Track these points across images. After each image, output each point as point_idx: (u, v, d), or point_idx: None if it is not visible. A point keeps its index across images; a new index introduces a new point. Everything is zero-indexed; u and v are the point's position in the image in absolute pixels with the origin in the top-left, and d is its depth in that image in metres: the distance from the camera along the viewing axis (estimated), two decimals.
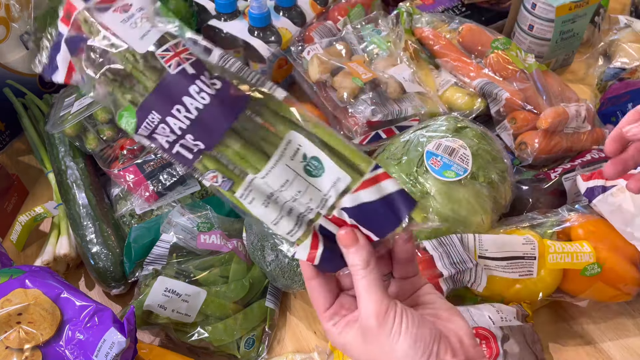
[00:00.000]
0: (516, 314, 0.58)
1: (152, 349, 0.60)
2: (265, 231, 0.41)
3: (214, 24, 0.87)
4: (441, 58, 0.84)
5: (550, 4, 0.85)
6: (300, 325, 0.66)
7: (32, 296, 0.52)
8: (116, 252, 0.68)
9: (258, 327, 0.64)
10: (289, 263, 0.60)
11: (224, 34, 0.87)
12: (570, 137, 0.75)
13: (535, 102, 0.76)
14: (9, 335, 0.50)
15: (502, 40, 0.82)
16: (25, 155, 0.89)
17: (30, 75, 0.87)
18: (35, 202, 0.81)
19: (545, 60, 0.93)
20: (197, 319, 0.62)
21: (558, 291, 0.62)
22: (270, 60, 0.87)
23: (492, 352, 0.54)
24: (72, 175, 0.74)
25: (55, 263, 0.70)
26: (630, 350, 0.62)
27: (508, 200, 0.65)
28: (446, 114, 0.73)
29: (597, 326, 0.64)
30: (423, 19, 0.89)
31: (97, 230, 0.69)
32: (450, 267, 0.58)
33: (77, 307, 0.53)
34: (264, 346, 0.63)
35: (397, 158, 0.64)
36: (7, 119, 0.87)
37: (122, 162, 0.72)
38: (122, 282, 0.68)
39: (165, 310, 0.60)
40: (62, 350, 0.51)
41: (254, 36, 0.85)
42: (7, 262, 0.65)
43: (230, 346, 0.62)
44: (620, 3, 1.08)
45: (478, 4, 1.00)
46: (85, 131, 0.73)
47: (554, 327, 0.64)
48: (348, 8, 0.93)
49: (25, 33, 0.85)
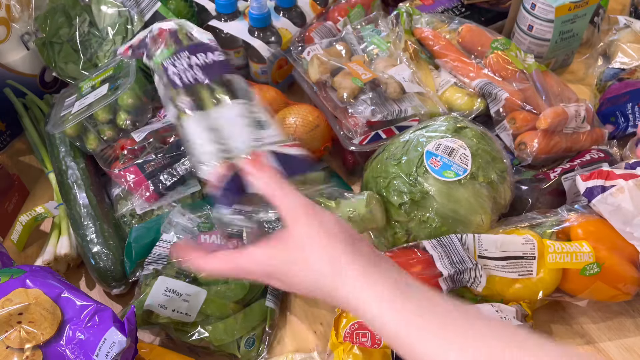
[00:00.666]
0: (516, 313, 0.59)
1: (152, 349, 0.60)
2: (189, 151, 0.56)
3: (214, 24, 0.87)
4: (441, 58, 0.84)
5: (549, 5, 0.85)
6: (300, 325, 0.66)
7: (33, 296, 0.52)
8: (117, 252, 0.68)
9: (258, 327, 0.64)
10: None
11: (224, 34, 0.87)
12: (570, 137, 0.75)
13: (535, 102, 0.76)
14: (10, 334, 0.50)
15: (501, 41, 0.83)
16: (25, 156, 0.89)
17: (30, 76, 0.88)
18: (35, 202, 0.81)
19: (545, 61, 0.93)
20: (197, 318, 0.62)
21: (557, 291, 0.62)
22: (270, 61, 0.87)
23: None
24: (72, 175, 0.74)
25: (55, 263, 0.70)
26: (629, 350, 0.62)
27: (508, 200, 0.65)
28: (446, 114, 0.73)
29: (596, 326, 0.64)
30: (423, 19, 0.89)
31: (98, 230, 0.69)
32: (450, 267, 0.58)
33: (78, 307, 0.53)
34: (264, 346, 0.63)
35: (397, 158, 0.64)
36: (7, 119, 0.87)
37: (122, 162, 0.72)
38: (123, 282, 0.68)
39: (165, 309, 0.61)
40: (63, 349, 0.51)
41: (254, 36, 0.86)
42: (7, 262, 0.65)
43: (230, 346, 0.62)
44: (620, 3, 1.08)
45: (478, 4, 1.00)
46: (86, 131, 0.73)
47: (554, 327, 0.64)
48: (348, 8, 0.93)
49: (25, 33, 0.85)
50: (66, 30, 0.84)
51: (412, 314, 0.39)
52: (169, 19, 0.73)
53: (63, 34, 0.84)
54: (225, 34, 0.87)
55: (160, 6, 0.82)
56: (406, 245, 0.63)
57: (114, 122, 0.72)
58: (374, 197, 0.63)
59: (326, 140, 0.78)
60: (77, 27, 0.84)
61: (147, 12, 0.83)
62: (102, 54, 0.84)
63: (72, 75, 0.84)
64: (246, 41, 0.85)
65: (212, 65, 0.63)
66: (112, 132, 0.73)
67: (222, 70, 0.63)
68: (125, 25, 0.84)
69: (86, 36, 0.85)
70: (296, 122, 0.76)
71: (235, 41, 0.88)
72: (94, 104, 0.69)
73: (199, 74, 0.62)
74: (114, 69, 0.74)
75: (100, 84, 0.73)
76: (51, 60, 0.84)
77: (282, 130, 0.58)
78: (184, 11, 0.88)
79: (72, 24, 0.85)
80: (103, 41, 0.85)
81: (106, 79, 0.73)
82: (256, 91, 0.77)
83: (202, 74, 0.62)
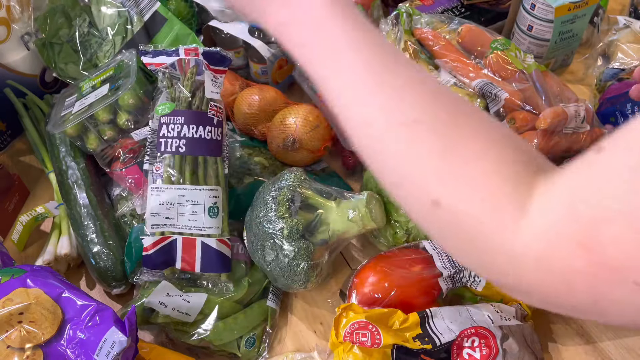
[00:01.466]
0: (515, 313, 0.59)
1: (152, 348, 0.60)
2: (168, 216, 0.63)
3: (215, 25, 0.87)
4: (441, 58, 0.84)
5: (549, 5, 0.85)
6: (301, 325, 0.66)
7: (34, 295, 0.52)
8: (117, 252, 0.68)
9: (259, 327, 0.64)
10: (288, 263, 0.61)
11: (225, 34, 0.87)
12: (570, 137, 0.75)
13: (535, 102, 0.76)
14: (11, 334, 0.50)
15: (501, 41, 0.83)
16: (26, 156, 0.89)
17: (31, 76, 0.88)
18: (36, 202, 0.81)
19: (545, 61, 0.93)
20: (197, 318, 0.62)
21: None
22: (271, 61, 0.87)
23: (492, 351, 0.55)
24: (73, 175, 0.74)
25: (56, 263, 0.70)
26: (629, 350, 0.62)
27: None
28: None
29: (596, 325, 0.64)
30: (422, 19, 0.89)
31: (98, 230, 0.69)
32: (450, 267, 0.59)
33: (79, 307, 0.53)
34: (264, 345, 0.63)
35: None
36: (8, 119, 0.87)
37: (123, 162, 0.72)
38: (123, 282, 0.68)
39: (165, 307, 0.61)
40: (64, 349, 0.51)
41: (254, 37, 0.86)
42: (8, 262, 0.65)
43: (230, 345, 0.62)
44: (620, 3, 1.08)
45: (477, 4, 1.00)
46: (87, 131, 0.73)
47: (553, 327, 0.64)
48: None
49: (26, 34, 0.85)
50: (66, 30, 0.85)
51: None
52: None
53: (63, 34, 0.84)
54: (226, 34, 0.87)
55: (159, 6, 0.82)
56: (406, 245, 0.63)
57: (114, 122, 0.73)
58: (374, 197, 0.63)
59: (326, 140, 0.78)
60: (77, 28, 0.84)
61: (146, 12, 0.83)
62: (102, 54, 0.84)
63: (72, 76, 0.84)
64: (246, 41, 0.85)
65: (200, 142, 0.63)
66: (113, 132, 0.73)
67: (207, 150, 0.64)
68: (125, 25, 0.84)
69: (86, 37, 0.85)
70: (296, 122, 0.76)
71: (235, 41, 0.88)
72: (95, 104, 0.70)
73: (185, 147, 0.63)
74: (115, 69, 0.74)
75: (100, 84, 0.73)
76: (51, 61, 0.84)
77: (225, 224, 0.64)
78: (184, 12, 0.88)
79: (72, 25, 0.85)
80: (103, 42, 0.85)
81: (107, 79, 0.73)
82: (256, 92, 0.77)
83: (186, 147, 0.63)
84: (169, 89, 0.67)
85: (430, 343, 0.55)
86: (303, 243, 0.60)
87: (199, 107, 0.65)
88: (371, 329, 0.56)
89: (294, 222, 0.60)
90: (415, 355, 0.55)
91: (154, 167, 0.63)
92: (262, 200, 0.63)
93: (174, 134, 0.63)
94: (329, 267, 0.65)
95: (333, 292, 0.69)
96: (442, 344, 0.55)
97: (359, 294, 0.61)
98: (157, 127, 0.65)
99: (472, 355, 0.55)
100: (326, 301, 0.68)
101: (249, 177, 0.75)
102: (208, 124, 0.64)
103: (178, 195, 0.62)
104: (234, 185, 0.73)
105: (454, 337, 0.56)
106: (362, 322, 0.57)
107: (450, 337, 0.56)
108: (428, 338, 0.56)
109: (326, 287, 0.69)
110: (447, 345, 0.55)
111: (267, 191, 0.64)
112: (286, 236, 0.60)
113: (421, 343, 0.56)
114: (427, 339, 0.56)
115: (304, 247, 0.60)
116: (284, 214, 0.61)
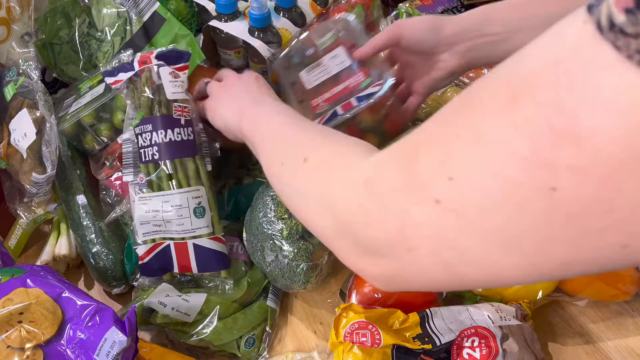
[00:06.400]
0: (515, 313, 0.59)
1: (153, 348, 0.60)
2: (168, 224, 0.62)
3: (215, 25, 0.87)
4: None
5: None
6: (301, 325, 0.66)
7: (34, 295, 0.52)
8: (116, 251, 0.68)
9: (259, 327, 0.64)
10: (288, 264, 0.61)
11: (225, 34, 0.87)
12: None
13: None
14: (10, 334, 0.50)
15: None
16: None
17: None
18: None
19: None
20: (196, 318, 0.62)
21: (557, 290, 0.62)
22: (271, 61, 0.87)
23: (492, 351, 0.55)
24: (71, 175, 0.74)
25: (55, 263, 0.70)
26: (629, 350, 0.62)
27: None
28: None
29: (596, 325, 0.64)
30: None
31: (97, 230, 0.69)
32: None
33: (78, 307, 0.53)
34: (264, 345, 0.63)
35: None
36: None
37: (110, 168, 0.72)
38: (123, 282, 0.68)
39: (165, 307, 0.61)
40: (64, 349, 0.51)
41: (254, 37, 0.86)
42: (8, 262, 0.65)
43: (230, 345, 0.62)
44: None
45: (477, 4, 1.00)
46: (83, 131, 0.73)
47: (553, 327, 0.65)
48: (348, 9, 0.93)
49: (26, 34, 0.85)
50: (66, 31, 0.85)
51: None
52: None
53: (63, 35, 0.84)
54: (225, 34, 0.87)
55: (159, 6, 0.82)
56: None
57: (110, 122, 0.72)
58: None
59: None
60: (77, 28, 0.84)
61: (145, 12, 0.83)
62: (101, 55, 0.84)
63: (73, 76, 0.84)
64: (246, 41, 0.85)
65: (171, 145, 0.62)
66: (109, 132, 0.73)
67: (180, 152, 0.63)
68: (124, 26, 0.84)
69: (85, 37, 0.85)
70: None
71: (235, 41, 0.88)
72: (90, 103, 0.70)
73: (158, 153, 0.62)
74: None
75: (97, 84, 0.73)
76: (51, 61, 0.84)
77: (216, 221, 0.64)
78: (184, 12, 0.88)
79: (72, 25, 0.85)
80: (102, 42, 0.85)
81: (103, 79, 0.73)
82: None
83: (161, 153, 0.62)
84: (132, 99, 0.65)
85: (430, 343, 0.55)
86: (303, 244, 0.60)
87: (163, 111, 0.63)
88: (371, 329, 0.56)
89: (294, 223, 0.60)
90: (415, 355, 0.55)
91: (138, 178, 0.63)
92: (261, 201, 0.63)
93: (148, 142, 0.62)
94: (328, 267, 0.65)
95: (333, 292, 0.69)
96: (442, 344, 0.55)
97: (359, 294, 0.61)
98: (135, 138, 0.64)
99: (472, 355, 0.55)
100: (326, 301, 0.68)
101: (249, 177, 0.75)
102: (176, 126, 0.63)
103: (162, 202, 0.61)
104: (234, 185, 0.73)
105: (454, 337, 0.56)
106: (362, 322, 0.57)
107: (450, 337, 0.56)
108: (428, 338, 0.56)
109: (326, 287, 0.69)
110: (447, 345, 0.55)
111: (266, 192, 0.64)
112: (286, 237, 0.60)
113: (421, 343, 0.56)
114: (427, 338, 0.56)
115: (303, 248, 0.60)
116: (283, 214, 0.61)
